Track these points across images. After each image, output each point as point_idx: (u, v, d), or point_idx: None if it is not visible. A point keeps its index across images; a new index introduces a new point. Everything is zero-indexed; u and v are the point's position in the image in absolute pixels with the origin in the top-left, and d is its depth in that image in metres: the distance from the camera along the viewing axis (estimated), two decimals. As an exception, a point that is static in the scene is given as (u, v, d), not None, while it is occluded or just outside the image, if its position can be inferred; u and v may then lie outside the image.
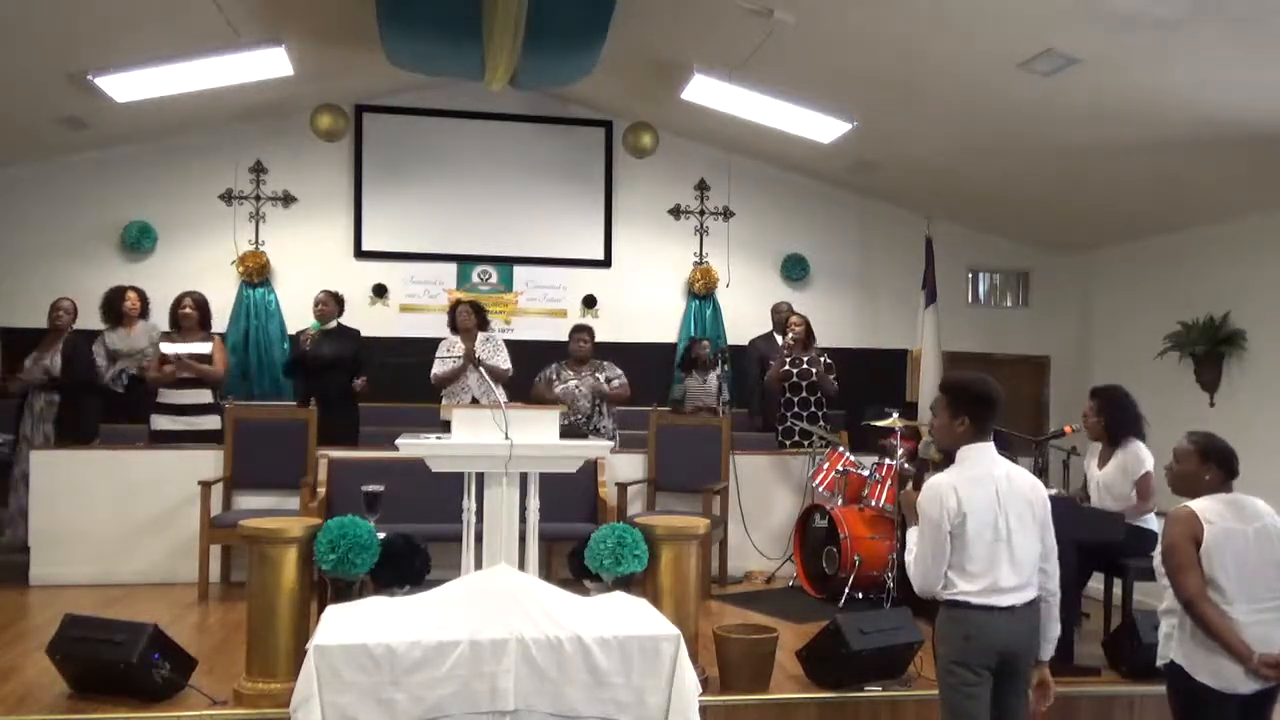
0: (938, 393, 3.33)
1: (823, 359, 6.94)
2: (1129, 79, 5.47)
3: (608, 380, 6.76)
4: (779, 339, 7.37)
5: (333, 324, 6.82)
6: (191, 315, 6.44)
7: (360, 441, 6.65)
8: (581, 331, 6.94)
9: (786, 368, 6.88)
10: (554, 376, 6.78)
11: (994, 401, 3.19)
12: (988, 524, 3.06)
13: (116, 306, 6.77)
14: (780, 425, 6.94)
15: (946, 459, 3.41)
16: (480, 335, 6.65)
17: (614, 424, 6.81)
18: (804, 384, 6.87)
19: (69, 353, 6.39)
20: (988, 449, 3.18)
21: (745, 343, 8.07)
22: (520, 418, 4.09)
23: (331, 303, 6.88)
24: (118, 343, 6.71)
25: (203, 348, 6.39)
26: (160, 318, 6.81)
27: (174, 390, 6.29)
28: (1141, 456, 4.81)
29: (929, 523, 3.10)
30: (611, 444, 4.97)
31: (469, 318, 6.66)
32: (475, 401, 6.24)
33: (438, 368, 6.58)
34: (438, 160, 8.32)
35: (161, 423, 6.29)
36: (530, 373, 6.80)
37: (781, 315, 7.73)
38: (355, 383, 6.73)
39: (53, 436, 6.33)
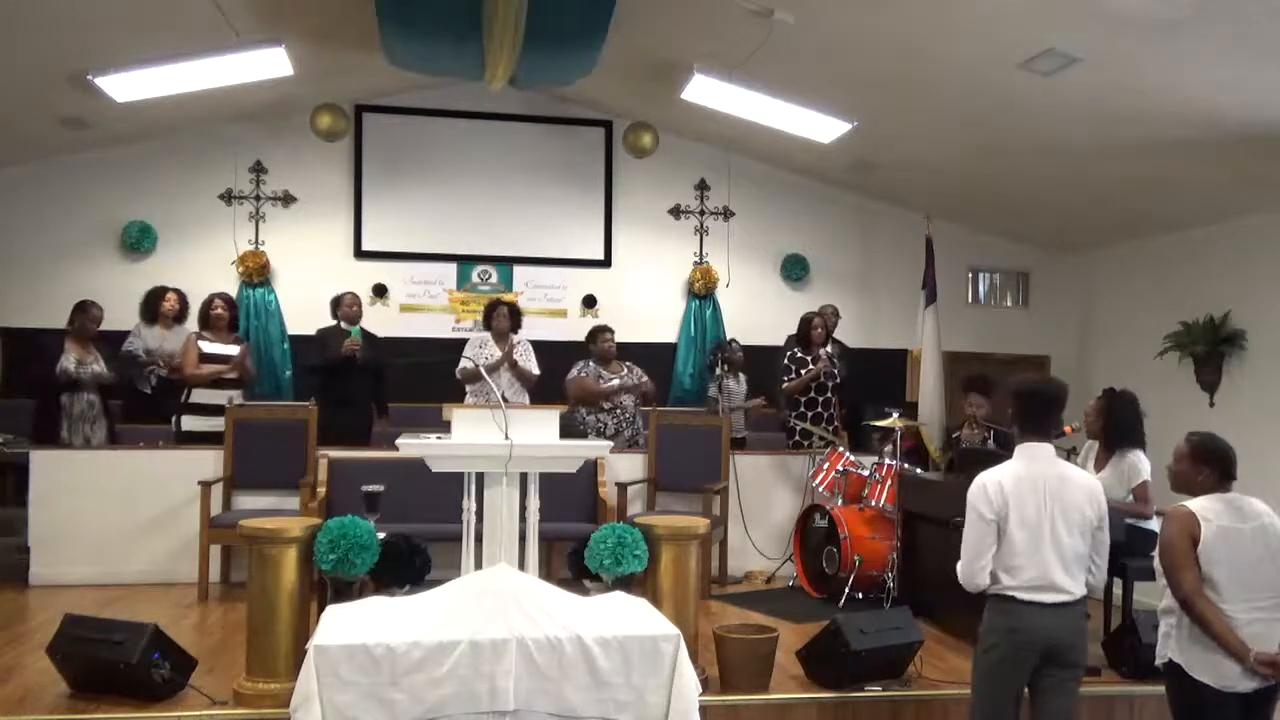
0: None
1: (836, 356, 6.93)
2: (1129, 79, 5.48)
3: (641, 378, 6.90)
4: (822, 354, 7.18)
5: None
6: (224, 316, 6.56)
7: (371, 441, 6.68)
8: (605, 332, 6.98)
9: (828, 368, 6.85)
10: (597, 375, 6.78)
11: (1045, 400, 3.32)
12: (1032, 520, 3.15)
13: (155, 306, 6.88)
14: (797, 425, 6.90)
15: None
16: (512, 338, 6.68)
17: (644, 424, 6.87)
18: (829, 385, 6.86)
19: (114, 358, 6.54)
20: (1039, 449, 3.28)
21: (746, 343, 8.07)
22: (520, 418, 4.09)
23: (358, 303, 6.92)
24: (152, 341, 6.78)
25: (234, 349, 6.47)
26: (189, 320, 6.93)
27: (209, 391, 6.35)
28: (1139, 466, 4.82)
29: (974, 515, 3.23)
30: (610, 444, 4.98)
31: (505, 320, 6.67)
32: (505, 400, 6.22)
33: (465, 364, 6.57)
34: (438, 160, 8.32)
35: (190, 423, 6.33)
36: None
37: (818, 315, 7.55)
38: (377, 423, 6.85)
39: (94, 439, 6.36)
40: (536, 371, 6.65)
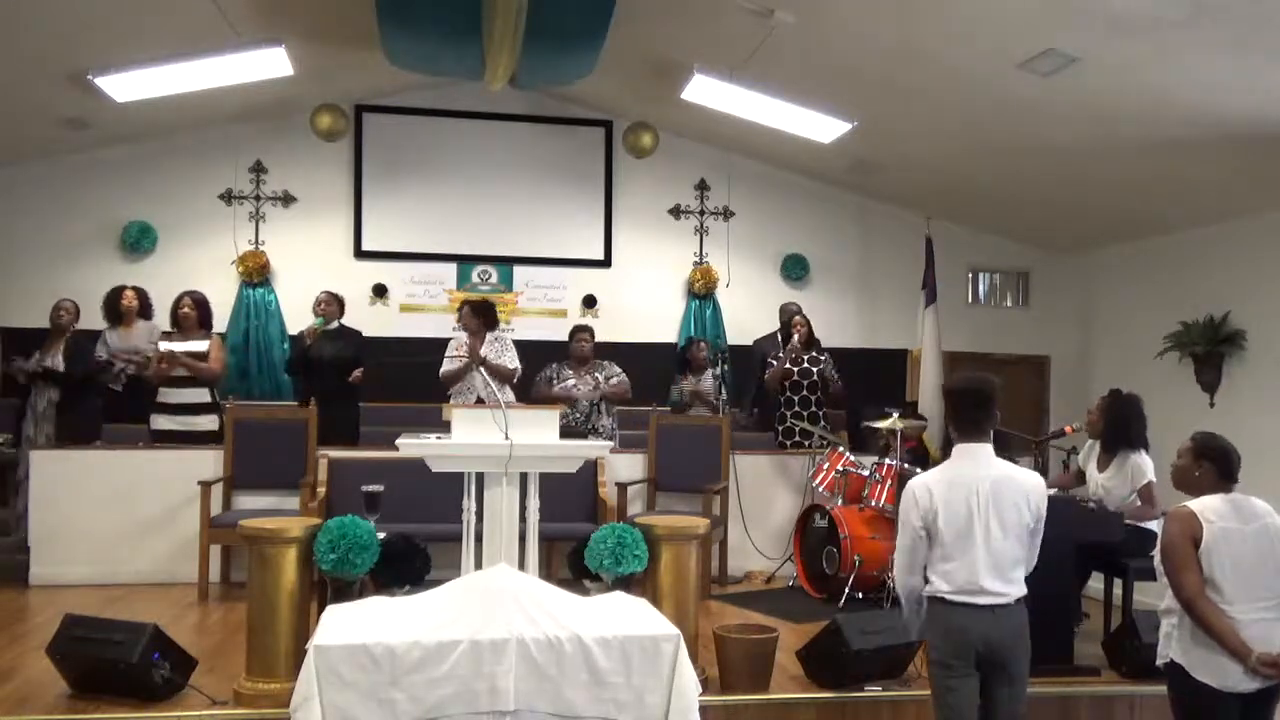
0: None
1: (824, 357, 6.95)
2: (1129, 79, 5.47)
3: (606, 379, 6.77)
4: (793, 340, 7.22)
5: (334, 325, 6.82)
6: (191, 315, 6.47)
7: (360, 441, 6.65)
8: (582, 331, 6.95)
9: (788, 366, 6.88)
10: (554, 376, 6.79)
11: (974, 399, 3.25)
12: (962, 524, 3.12)
13: (115, 306, 6.82)
14: (780, 425, 6.93)
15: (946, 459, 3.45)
16: (489, 335, 6.65)
17: (614, 423, 6.81)
18: (805, 383, 6.87)
19: (71, 349, 6.40)
20: (976, 449, 3.23)
21: (746, 342, 8.07)
22: (520, 418, 4.09)
23: (333, 303, 6.87)
24: (117, 342, 6.74)
25: (200, 346, 6.42)
26: (162, 318, 6.83)
27: (172, 389, 6.30)
28: (1144, 467, 4.84)
29: (904, 520, 3.23)
30: (611, 444, 4.97)
31: (472, 319, 6.64)
32: (481, 401, 6.23)
33: (445, 366, 6.56)
34: (438, 160, 8.32)
35: (160, 422, 6.31)
36: (530, 373, 6.79)
37: (788, 315, 7.66)
38: (353, 375, 6.71)
39: (54, 436, 6.33)
40: (513, 367, 6.55)
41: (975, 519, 3.12)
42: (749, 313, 8.51)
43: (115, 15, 5.83)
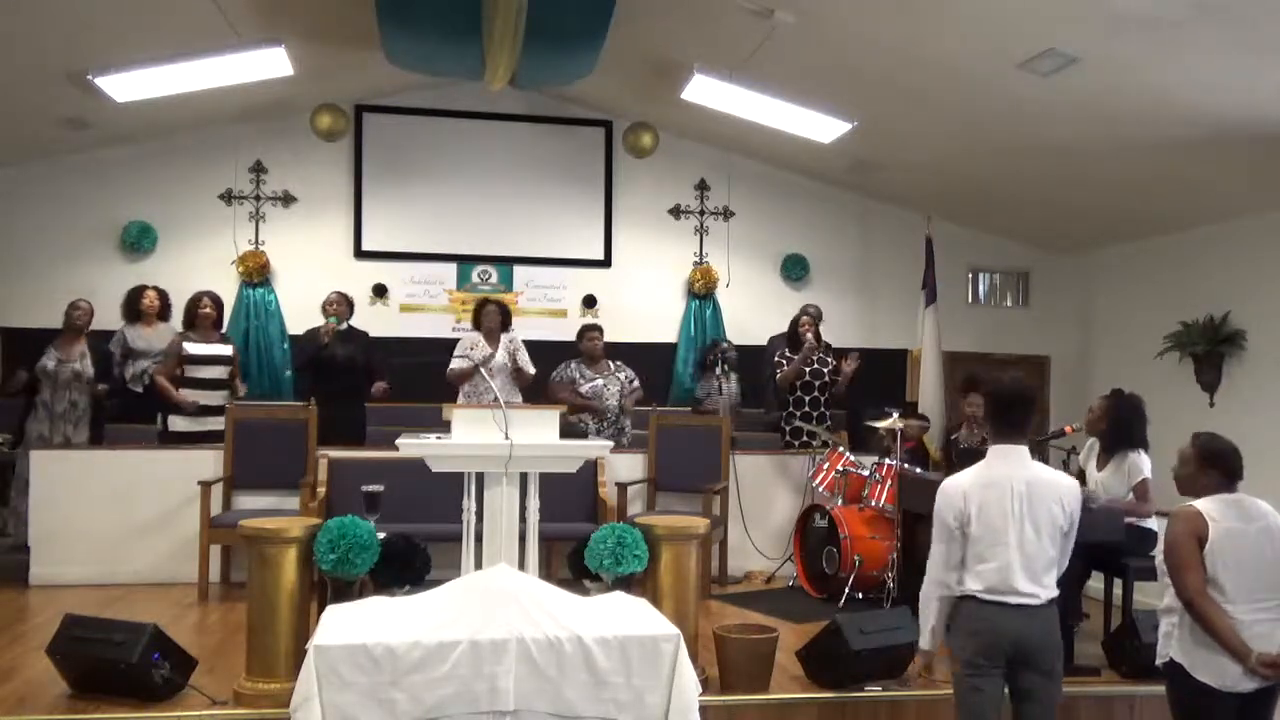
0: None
1: (830, 359, 6.94)
2: (1129, 79, 5.48)
3: (629, 381, 6.84)
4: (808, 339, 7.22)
5: (343, 325, 6.82)
6: (210, 315, 6.56)
7: (365, 441, 6.65)
8: (593, 330, 6.98)
9: (800, 367, 6.85)
10: (577, 376, 6.79)
11: (1018, 401, 3.27)
12: (995, 523, 3.13)
13: (135, 305, 6.86)
14: (788, 425, 6.91)
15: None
16: (503, 337, 6.66)
17: (630, 424, 6.86)
18: (816, 384, 6.86)
19: (103, 359, 6.48)
20: (1013, 451, 3.24)
21: (745, 342, 8.06)
22: (520, 417, 4.09)
23: (343, 303, 6.91)
24: (137, 340, 6.75)
25: (223, 349, 6.53)
26: (173, 318, 6.90)
27: (195, 391, 6.37)
28: (1141, 465, 4.84)
29: (939, 521, 3.22)
30: (611, 444, 4.99)
31: (495, 318, 6.65)
32: (498, 401, 6.24)
33: (456, 364, 6.54)
34: (438, 160, 8.32)
35: (178, 424, 6.34)
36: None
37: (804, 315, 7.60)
38: (375, 387, 6.76)
39: (74, 438, 6.33)
40: (532, 370, 6.63)
41: (1010, 520, 3.13)
42: (749, 313, 8.51)
43: (115, 15, 5.83)
